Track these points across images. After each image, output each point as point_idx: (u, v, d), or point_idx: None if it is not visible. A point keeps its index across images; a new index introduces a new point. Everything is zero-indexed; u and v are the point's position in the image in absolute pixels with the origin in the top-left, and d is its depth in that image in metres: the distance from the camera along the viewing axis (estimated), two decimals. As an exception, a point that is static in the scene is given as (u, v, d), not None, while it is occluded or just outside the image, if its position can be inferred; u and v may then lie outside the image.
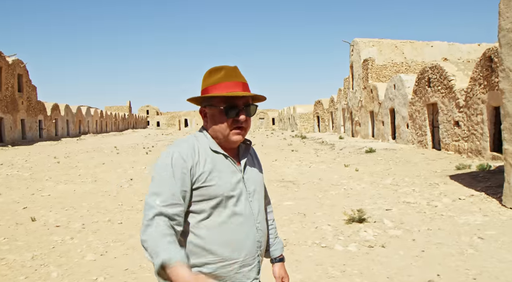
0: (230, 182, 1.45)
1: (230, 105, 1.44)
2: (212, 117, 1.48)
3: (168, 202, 1.32)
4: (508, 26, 6.08)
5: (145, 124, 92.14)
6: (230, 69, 1.48)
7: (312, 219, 5.93)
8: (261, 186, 1.61)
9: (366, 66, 21.06)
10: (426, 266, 3.95)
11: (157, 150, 19.73)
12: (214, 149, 1.47)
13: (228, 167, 1.47)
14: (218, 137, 1.48)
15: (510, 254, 4.27)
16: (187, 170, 1.37)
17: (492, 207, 6.36)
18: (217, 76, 1.46)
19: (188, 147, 1.42)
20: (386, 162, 12.31)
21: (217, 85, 1.45)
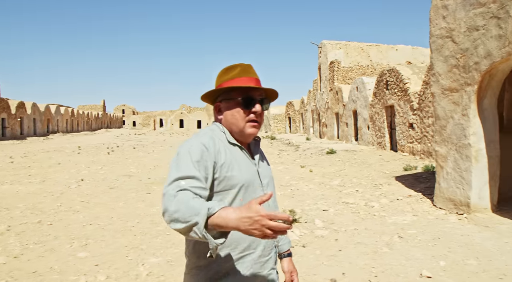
0: (247, 173, 1.46)
1: (248, 97, 1.46)
2: (228, 110, 1.49)
3: (194, 184, 1.27)
4: (437, 32, 6.31)
5: (121, 124, 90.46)
6: (245, 66, 1.52)
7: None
8: (272, 180, 1.63)
9: (332, 68, 21.39)
10: (336, 265, 4.05)
11: (121, 150, 19.42)
12: (231, 141, 1.48)
13: (244, 159, 1.49)
14: (233, 131, 1.49)
15: (420, 251, 4.43)
16: (209, 158, 1.36)
17: (424, 207, 6.57)
18: (233, 72, 1.50)
19: (208, 138, 1.42)
20: (343, 163, 12.53)
21: (234, 80, 1.48)
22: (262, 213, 1.07)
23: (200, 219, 1.11)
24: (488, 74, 5.47)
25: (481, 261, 4.11)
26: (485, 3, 5.30)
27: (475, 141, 5.74)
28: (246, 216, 1.08)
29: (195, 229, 1.11)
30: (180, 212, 1.14)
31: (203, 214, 1.11)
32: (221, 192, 1.40)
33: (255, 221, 1.07)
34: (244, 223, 1.08)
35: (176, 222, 1.15)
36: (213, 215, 1.11)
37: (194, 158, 1.33)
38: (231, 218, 1.10)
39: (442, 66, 6.23)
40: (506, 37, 4.98)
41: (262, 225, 1.07)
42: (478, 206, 5.77)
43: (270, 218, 1.06)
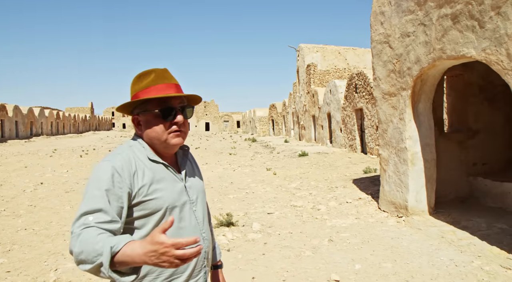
0: (172, 192, 1.36)
1: (166, 107, 1.35)
2: (147, 124, 1.37)
3: (102, 219, 1.17)
4: (376, 37, 6.40)
5: (110, 126, 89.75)
6: (160, 71, 1.39)
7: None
8: (203, 193, 1.54)
9: (309, 71, 21.52)
10: (251, 269, 4.08)
11: (95, 153, 19.28)
12: (153, 159, 1.37)
13: (169, 177, 1.38)
14: (156, 145, 1.38)
15: (343, 255, 4.47)
16: (123, 184, 1.25)
17: (369, 210, 6.64)
18: (147, 80, 1.37)
19: (122, 159, 1.30)
20: (310, 165, 12.60)
21: (148, 89, 1.35)
22: (166, 244, 1.00)
23: (104, 259, 1.04)
24: (419, 79, 5.56)
25: (397, 263, 4.17)
26: (413, 10, 5.39)
27: (411, 145, 5.82)
28: (151, 249, 1.01)
29: (102, 269, 1.05)
30: (84, 253, 1.07)
31: (107, 253, 1.04)
32: (143, 217, 1.30)
33: (161, 253, 1.01)
34: (151, 257, 1.02)
35: (83, 264, 1.08)
36: (118, 252, 1.05)
37: (104, 187, 1.22)
38: (137, 254, 1.03)
39: (381, 71, 6.32)
40: (431, 43, 5.07)
41: (169, 256, 1.01)
42: (416, 208, 5.85)
43: (177, 247, 1.00)
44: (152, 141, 1.38)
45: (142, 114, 1.38)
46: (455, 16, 4.61)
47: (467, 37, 4.44)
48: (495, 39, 4.03)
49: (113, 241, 1.06)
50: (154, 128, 1.36)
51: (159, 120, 1.35)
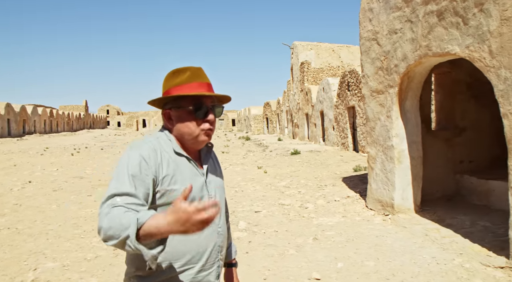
0: (194, 184, 1.40)
1: (199, 105, 1.39)
2: (179, 119, 1.42)
3: (129, 201, 1.23)
4: (365, 35, 6.37)
5: (105, 125, 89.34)
6: (195, 70, 1.43)
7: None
8: (222, 189, 1.58)
9: (303, 69, 21.49)
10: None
11: (87, 151, 19.16)
12: (178, 151, 1.41)
13: (191, 170, 1.43)
14: (185, 140, 1.43)
15: (326, 253, 4.45)
16: (149, 171, 1.31)
17: (357, 208, 6.63)
18: (182, 77, 1.41)
19: (149, 149, 1.35)
20: (302, 164, 12.58)
21: (183, 86, 1.40)
22: (189, 210, 1.05)
23: (130, 232, 1.08)
24: (406, 77, 5.54)
25: (379, 262, 4.16)
26: (401, 7, 5.37)
27: (398, 142, 5.81)
28: (175, 217, 1.06)
29: (128, 242, 1.09)
30: (112, 229, 1.12)
31: (133, 226, 1.08)
32: (164, 205, 1.35)
33: (185, 220, 1.05)
34: (176, 224, 1.06)
35: (111, 239, 1.13)
36: (143, 225, 1.09)
37: (132, 172, 1.28)
38: (162, 224, 1.07)
39: (370, 68, 6.30)
40: (417, 40, 5.05)
41: (194, 221, 1.05)
42: (402, 206, 5.84)
43: (198, 210, 1.05)
44: (182, 136, 1.43)
45: (175, 110, 1.42)
46: (440, 12, 4.59)
47: (451, 34, 4.42)
48: (478, 36, 4.01)
49: (138, 215, 1.12)
50: (187, 124, 1.41)
51: (193, 117, 1.40)
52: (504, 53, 3.69)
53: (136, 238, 1.09)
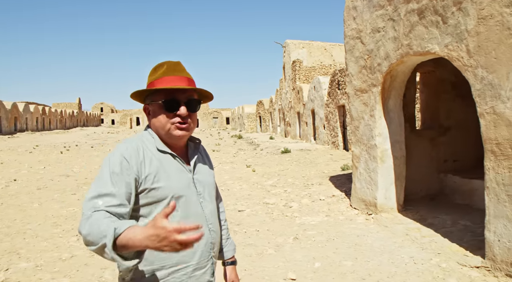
0: (178, 182, 1.39)
1: (170, 99, 1.38)
2: (153, 114, 1.42)
3: (112, 203, 1.22)
4: (349, 33, 6.34)
5: (99, 122, 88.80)
6: (172, 64, 1.43)
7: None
8: (213, 185, 1.56)
9: (295, 67, 21.46)
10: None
11: (77, 149, 19.00)
12: (161, 149, 1.40)
13: (176, 167, 1.41)
14: (161, 135, 1.42)
15: (305, 253, 4.42)
16: (131, 171, 1.29)
17: (341, 207, 6.61)
18: (160, 71, 1.41)
19: (131, 148, 1.34)
20: (291, 162, 12.56)
21: (160, 79, 1.39)
22: (169, 229, 1.01)
23: (107, 241, 1.07)
24: (389, 76, 5.52)
25: (357, 261, 4.13)
26: (383, 5, 5.34)
27: (381, 142, 5.79)
28: (153, 233, 1.03)
29: (106, 250, 1.08)
30: (91, 235, 1.12)
31: (110, 235, 1.07)
32: (148, 205, 1.33)
33: (163, 238, 1.02)
34: (153, 241, 1.03)
35: (90, 245, 1.13)
36: (120, 235, 1.08)
37: (113, 172, 1.27)
38: (138, 238, 1.05)
39: (354, 67, 6.27)
40: (399, 39, 5.02)
41: (171, 241, 1.02)
42: (385, 206, 5.82)
43: (178, 232, 1.01)
44: (157, 131, 1.42)
45: (150, 105, 1.43)
46: (421, 11, 4.57)
47: (431, 32, 4.40)
48: (456, 35, 3.99)
49: (116, 224, 1.10)
50: (158, 118, 1.40)
51: (163, 111, 1.40)
52: (481, 52, 3.67)
53: (113, 247, 1.07)
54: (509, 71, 3.38)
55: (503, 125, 3.45)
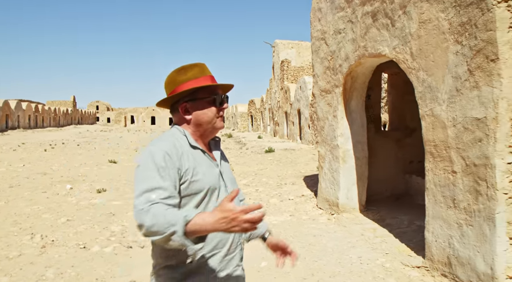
0: (211, 176, 1.49)
1: (217, 95, 1.53)
2: (198, 109, 1.51)
3: (164, 195, 1.29)
4: (315, 34, 6.37)
5: (94, 120, 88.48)
6: (202, 65, 1.56)
7: (119, 218, 5.88)
8: (234, 180, 1.66)
9: (283, 67, 21.49)
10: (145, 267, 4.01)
11: (63, 147, 18.95)
12: (193, 145, 1.49)
13: (207, 162, 1.51)
14: (204, 129, 1.53)
15: (255, 253, 4.43)
16: (174, 165, 1.37)
17: (307, 207, 6.64)
18: (192, 72, 1.52)
19: (169, 144, 1.42)
20: (272, 162, 12.59)
21: (197, 79, 1.50)
22: (236, 210, 1.12)
23: (178, 228, 1.15)
24: (349, 77, 5.55)
25: (305, 261, 4.16)
26: (343, 7, 5.37)
27: (343, 142, 5.83)
28: (222, 216, 1.13)
29: (174, 238, 1.16)
30: (156, 226, 1.18)
31: (181, 222, 1.15)
32: (186, 196, 1.42)
33: (232, 219, 1.13)
34: (222, 223, 1.14)
35: (155, 235, 1.19)
36: (189, 222, 1.16)
37: (159, 166, 1.34)
38: (208, 222, 1.15)
39: (319, 67, 6.30)
40: (357, 41, 5.06)
41: (239, 221, 1.12)
42: (346, 206, 5.86)
43: (245, 212, 1.12)
44: (201, 125, 1.52)
45: (192, 102, 1.52)
46: (374, 14, 4.60)
47: (383, 35, 4.44)
48: (402, 38, 4.03)
49: (184, 212, 1.19)
50: (207, 113, 1.51)
51: (212, 106, 1.52)
52: (422, 55, 3.71)
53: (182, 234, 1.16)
54: (445, 75, 3.42)
55: (439, 127, 3.49)
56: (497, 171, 2.87)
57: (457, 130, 3.27)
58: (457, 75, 3.27)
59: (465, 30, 3.16)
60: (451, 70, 3.35)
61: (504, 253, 2.87)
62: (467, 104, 3.16)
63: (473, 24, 3.08)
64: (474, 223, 3.09)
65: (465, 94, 3.19)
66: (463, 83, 3.20)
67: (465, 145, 3.19)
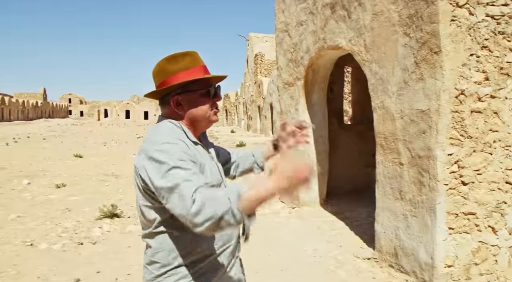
0: (215, 171, 1.43)
1: (211, 87, 1.43)
2: (191, 103, 1.40)
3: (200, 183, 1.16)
4: (279, 26, 6.31)
5: (66, 114, 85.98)
6: (194, 54, 1.45)
7: (74, 214, 5.68)
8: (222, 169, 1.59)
9: (257, 61, 21.41)
10: (104, 263, 3.89)
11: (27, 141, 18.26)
12: (194, 140, 1.40)
13: (208, 157, 1.44)
14: (199, 122, 1.43)
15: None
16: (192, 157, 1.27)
17: (272, 201, 6.61)
18: (184, 62, 1.41)
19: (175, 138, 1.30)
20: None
21: (189, 70, 1.40)
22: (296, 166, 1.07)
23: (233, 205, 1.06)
24: (310, 69, 5.53)
25: (259, 255, 4.11)
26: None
27: (304, 135, 5.81)
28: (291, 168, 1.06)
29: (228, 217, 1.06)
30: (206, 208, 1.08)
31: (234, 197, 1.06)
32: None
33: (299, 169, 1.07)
34: (287, 178, 1.06)
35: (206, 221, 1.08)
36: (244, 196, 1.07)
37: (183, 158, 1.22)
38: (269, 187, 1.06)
39: (282, 60, 6.25)
40: (317, 33, 5.03)
41: (304, 175, 1.07)
42: (307, 199, 5.86)
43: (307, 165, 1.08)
44: (196, 119, 1.42)
45: (185, 94, 1.40)
46: (332, 5, 4.58)
47: (340, 27, 4.42)
48: (357, 30, 4.02)
49: (236, 187, 1.09)
50: (201, 106, 1.41)
51: (205, 99, 1.42)
52: (375, 48, 3.71)
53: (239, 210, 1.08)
54: (394, 67, 3.42)
55: (389, 119, 3.51)
56: (438, 162, 2.90)
57: (404, 122, 3.29)
58: (405, 67, 3.28)
59: (413, 23, 3.17)
60: (400, 63, 3.35)
61: (443, 243, 2.91)
62: (414, 97, 3.18)
63: (419, 16, 3.09)
64: (418, 214, 3.12)
65: (411, 86, 3.21)
66: (410, 75, 3.22)
67: (411, 137, 3.21)
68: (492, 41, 3.00)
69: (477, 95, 2.99)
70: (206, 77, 1.41)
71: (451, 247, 2.94)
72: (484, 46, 2.99)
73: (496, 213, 3.08)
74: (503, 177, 3.09)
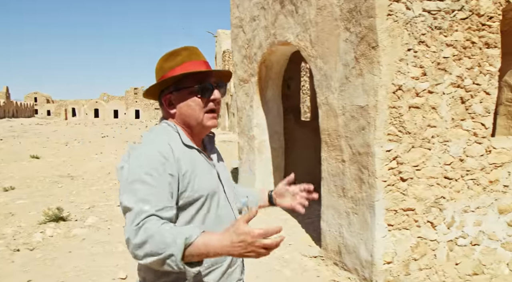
0: (210, 179, 1.28)
1: (204, 83, 1.26)
2: (182, 102, 1.27)
3: (159, 206, 1.08)
4: (234, 21, 6.19)
5: (32, 113, 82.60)
6: (192, 48, 1.32)
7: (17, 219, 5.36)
8: (231, 182, 1.44)
9: (225, 58, 21.21)
10: (37, 271, 3.65)
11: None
12: (187, 144, 1.26)
13: (203, 163, 1.29)
14: (191, 126, 1.28)
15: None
16: (171, 169, 1.15)
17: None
18: (180, 57, 1.28)
19: (165, 144, 1.19)
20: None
21: (183, 65, 1.26)
22: (254, 234, 0.96)
23: (176, 251, 0.98)
24: (263, 65, 5.44)
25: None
26: (256, -8, 5.22)
27: (259, 133, 5.73)
28: (239, 240, 0.97)
29: (169, 261, 0.99)
30: (149, 244, 1.00)
31: (179, 244, 0.98)
32: (184, 204, 1.20)
33: (249, 243, 0.97)
34: (237, 248, 0.98)
35: (146, 256, 1.01)
36: (191, 244, 0.98)
37: (154, 171, 1.11)
38: (218, 245, 0.98)
39: (237, 56, 6.14)
40: (269, 28, 4.94)
41: (258, 246, 0.97)
42: (264, 197, 5.78)
43: (264, 236, 0.97)
44: (187, 121, 1.29)
45: (176, 92, 1.28)
46: (282, 0, 4.49)
47: (289, 22, 4.34)
48: (303, 25, 3.95)
49: (185, 233, 1.00)
50: (191, 105, 1.27)
51: (196, 97, 1.27)
52: (319, 43, 3.65)
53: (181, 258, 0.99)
54: (337, 62, 3.37)
55: (332, 116, 3.46)
56: (376, 158, 2.87)
57: (346, 118, 3.25)
58: (347, 62, 3.23)
59: (353, 17, 3.12)
60: (342, 58, 3.31)
61: (382, 240, 2.88)
62: (354, 92, 3.14)
63: (358, 10, 3.04)
64: (358, 211, 3.09)
65: (352, 82, 3.16)
66: (351, 71, 3.17)
67: (352, 133, 3.17)
68: (429, 36, 3.00)
69: (415, 91, 2.98)
70: (199, 72, 1.25)
71: (390, 244, 2.92)
72: (421, 41, 2.98)
73: (435, 208, 3.09)
74: (442, 172, 3.10)
